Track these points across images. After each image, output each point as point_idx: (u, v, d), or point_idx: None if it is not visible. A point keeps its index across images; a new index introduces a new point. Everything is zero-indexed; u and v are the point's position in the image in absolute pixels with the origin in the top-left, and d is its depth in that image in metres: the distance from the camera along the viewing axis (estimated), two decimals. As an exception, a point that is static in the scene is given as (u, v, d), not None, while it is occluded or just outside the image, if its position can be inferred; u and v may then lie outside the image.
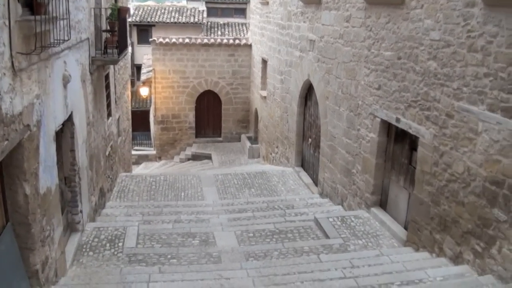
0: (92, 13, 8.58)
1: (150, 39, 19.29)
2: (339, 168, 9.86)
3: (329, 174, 10.51)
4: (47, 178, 5.62)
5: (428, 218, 6.62)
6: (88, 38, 8.31)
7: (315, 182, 11.89)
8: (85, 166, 8.02)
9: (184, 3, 30.59)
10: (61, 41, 5.65)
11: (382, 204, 8.44)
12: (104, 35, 9.62)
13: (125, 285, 5.74)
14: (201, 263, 6.91)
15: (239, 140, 20.64)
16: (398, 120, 7.38)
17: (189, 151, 19.98)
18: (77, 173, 7.42)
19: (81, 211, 7.63)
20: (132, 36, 28.55)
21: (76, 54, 7.41)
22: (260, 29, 17.89)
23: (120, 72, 13.49)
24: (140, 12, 28.10)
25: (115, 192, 11.69)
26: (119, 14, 9.00)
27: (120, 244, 7.46)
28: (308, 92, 12.36)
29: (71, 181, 7.36)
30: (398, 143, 7.83)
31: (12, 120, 4.37)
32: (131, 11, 28.08)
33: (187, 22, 27.32)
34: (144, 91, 20.45)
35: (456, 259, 6.00)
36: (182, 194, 11.80)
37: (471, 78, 5.60)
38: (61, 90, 6.33)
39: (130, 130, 17.12)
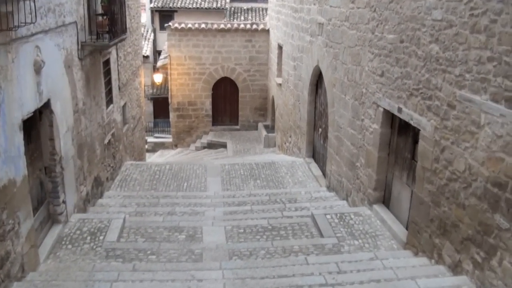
0: (82, -4, 8.18)
1: (165, 25, 18.85)
2: (345, 160, 9.22)
3: (336, 167, 9.88)
4: (9, 169, 5.27)
5: (428, 220, 5.96)
6: (75, 22, 7.92)
7: (325, 174, 11.27)
8: (70, 155, 7.67)
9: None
10: (22, 24, 5.24)
11: (385, 201, 7.78)
12: (100, 19, 9.20)
13: (89, 284, 5.37)
14: (180, 261, 6.49)
15: (256, 128, 20.08)
16: (400, 110, 6.70)
17: (205, 139, 19.58)
18: (58, 162, 7.07)
19: (63, 202, 7.31)
20: (154, 22, 28.30)
21: (56, 38, 7.02)
22: (276, 13, 17.20)
23: (127, 58, 13.14)
24: (162, -2, 27.74)
25: (117, 181, 11.40)
26: (111, -4, 8.58)
27: (101, 237, 7.10)
28: (318, 79, 11.69)
29: (51, 171, 7.03)
30: (402, 135, 7.14)
31: None
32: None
33: (210, 8, 26.88)
34: (157, 78, 20.10)
35: (455, 268, 5.34)
36: (185, 184, 11.41)
37: (474, 63, 4.89)
38: (31, 77, 5.95)
39: (143, 117, 16.82)
